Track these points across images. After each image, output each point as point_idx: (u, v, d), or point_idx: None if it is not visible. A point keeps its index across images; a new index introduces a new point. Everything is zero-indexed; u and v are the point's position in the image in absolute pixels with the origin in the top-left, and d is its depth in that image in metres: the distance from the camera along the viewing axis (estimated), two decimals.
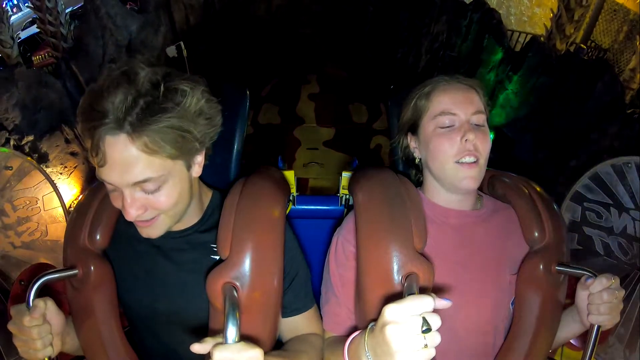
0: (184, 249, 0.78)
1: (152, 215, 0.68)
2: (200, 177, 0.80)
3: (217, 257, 0.74)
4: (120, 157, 0.61)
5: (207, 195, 0.82)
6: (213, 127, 0.70)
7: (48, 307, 0.70)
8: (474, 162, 0.78)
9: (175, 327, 0.79)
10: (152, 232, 0.70)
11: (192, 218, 0.78)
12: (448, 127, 0.80)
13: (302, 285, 0.82)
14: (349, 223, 0.84)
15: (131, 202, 0.64)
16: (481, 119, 0.81)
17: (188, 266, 0.77)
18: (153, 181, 0.64)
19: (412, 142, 0.88)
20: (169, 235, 0.77)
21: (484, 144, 0.79)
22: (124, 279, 0.80)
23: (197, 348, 0.57)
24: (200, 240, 0.78)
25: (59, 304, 0.73)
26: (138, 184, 0.63)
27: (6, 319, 0.71)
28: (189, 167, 0.70)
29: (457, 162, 0.78)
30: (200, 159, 0.72)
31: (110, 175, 0.63)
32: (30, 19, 6.81)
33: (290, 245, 0.80)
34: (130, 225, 0.72)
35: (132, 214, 0.65)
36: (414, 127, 0.87)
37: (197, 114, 0.65)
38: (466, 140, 0.77)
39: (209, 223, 0.79)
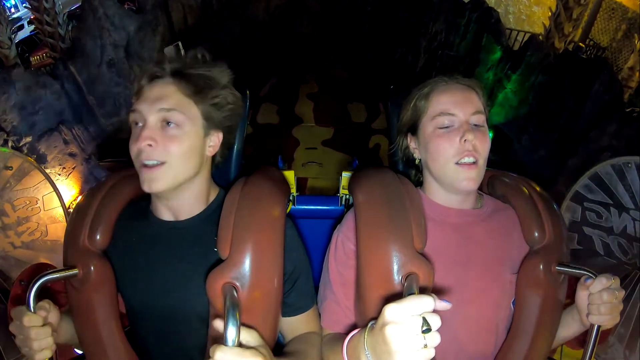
0: (187, 240, 0.78)
1: (158, 158, 0.72)
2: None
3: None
4: (159, 91, 0.74)
5: (215, 191, 0.84)
6: (230, 106, 0.80)
7: (50, 310, 0.70)
8: (473, 162, 0.78)
9: (175, 324, 0.79)
10: (153, 182, 0.72)
11: (195, 207, 0.80)
12: (447, 127, 0.80)
13: (305, 285, 0.82)
14: (348, 221, 0.84)
15: (149, 129, 0.72)
16: (480, 119, 0.81)
17: (190, 258, 0.77)
18: (176, 114, 0.72)
19: (411, 142, 0.88)
20: (171, 225, 0.78)
21: (483, 144, 0.79)
22: (125, 277, 0.80)
23: (217, 324, 0.62)
24: (202, 231, 0.78)
25: (59, 304, 0.73)
26: (163, 111, 0.72)
27: (6, 319, 0.71)
28: (205, 134, 0.77)
29: (457, 164, 0.78)
30: (215, 141, 0.79)
31: (142, 104, 0.73)
32: (18, 24, 6.81)
33: (293, 245, 0.80)
34: (131, 222, 0.72)
35: (144, 138, 0.71)
36: (413, 128, 0.87)
37: (223, 86, 0.78)
38: (465, 140, 0.77)
39: (213, 216, 0.79)
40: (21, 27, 7.11)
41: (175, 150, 0.72)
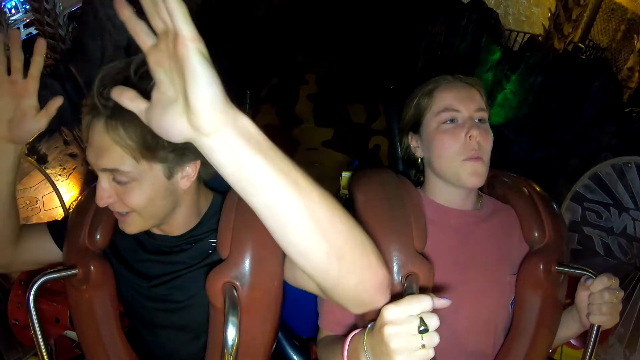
0: (183, 248, 0.78)
1: (123, 210, 0.68)
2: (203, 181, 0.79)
3: (216, 252, 0.74)
4: (97, 140, 0.63)
5: (208, 200, 0.81)
6: None
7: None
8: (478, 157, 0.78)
9: (174, 328, 0.79)
10: (126, 227, 0.70)
11: (187, 224, 0.77)
12: (451, 123, 0.80)
13: None
14: None
15: (103, 187, 0.66)
16: (483, 116, 0.81)
17: (186, 263, 0.77)
18: (121, 174, 0.64)
19: (413, 141, 0.88)
20: (164, 239, 0.77)
21: (486, 141, 0.79)
22: (123, 279, 0.80)
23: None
24: (198, 239, 0.78)
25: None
26: (107, 171, 0.65)
27: (6, 319, 0.71)
28: (169, 175, 0.68)
29: (463, 160, 0.78)
30: (190, 171, 0.70)
31: (88, 155, 0.66)
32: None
33: None
34: None
35: (100, 199, 0.66)
36: (415, 126, 0.87)
37: None
38: (470, 136, 0.77)
39: (207, 227, 0.78)
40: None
41: (134, 204, 0.67)
